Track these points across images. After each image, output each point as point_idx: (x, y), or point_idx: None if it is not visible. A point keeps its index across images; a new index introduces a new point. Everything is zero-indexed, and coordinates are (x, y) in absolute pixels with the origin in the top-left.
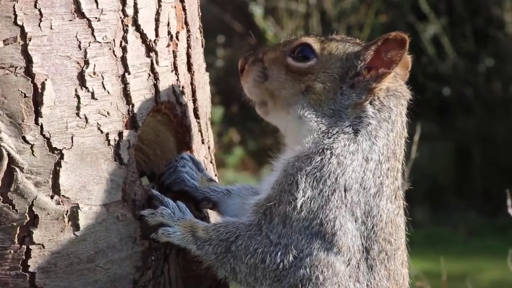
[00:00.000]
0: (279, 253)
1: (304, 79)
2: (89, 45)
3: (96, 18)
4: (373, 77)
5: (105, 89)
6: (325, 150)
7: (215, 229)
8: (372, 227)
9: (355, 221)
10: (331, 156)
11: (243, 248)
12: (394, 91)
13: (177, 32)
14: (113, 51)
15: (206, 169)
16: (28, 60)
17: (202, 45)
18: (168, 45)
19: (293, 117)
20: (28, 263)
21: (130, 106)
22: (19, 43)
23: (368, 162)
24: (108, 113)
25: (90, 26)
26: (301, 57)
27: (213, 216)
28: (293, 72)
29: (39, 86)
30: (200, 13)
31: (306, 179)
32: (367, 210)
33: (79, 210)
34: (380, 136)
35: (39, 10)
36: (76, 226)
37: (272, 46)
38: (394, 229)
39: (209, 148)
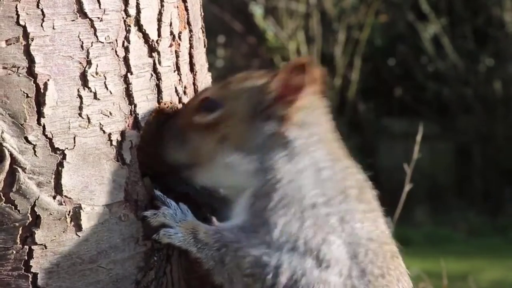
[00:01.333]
0: (271, 274)
1: (217, 130)
2: (92, 45)
3: (98, 18)
4: (282, 106)
5: (107, 89)
6: (275, 184)
7: (216, 233)
8: (352, 232)
9: (334, 231)
10: (285, 186)
11: (240, 258)
12: (307, 108)
13: (180, 32)
14: (116, 51)
15: None
16: (31, 60)
17: (205, 45)
18: (171, 45)
19: (220, 169)
20: (30, 264)
21: (133, 106)
22: (22, 43)
23: (321, 173)
24: (110, 113)
25: (92, 26)
26: (209, 109)
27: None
28: (204, 129)
29: (42, 86)
30: (202, 13)
31: (273, 212)
32: (341, 217)
33: (81, 211)
34: (314, 150)
35: (42, 10)
36: (78, 227)
37: (184, 108)
38: (373, 224)
39: None
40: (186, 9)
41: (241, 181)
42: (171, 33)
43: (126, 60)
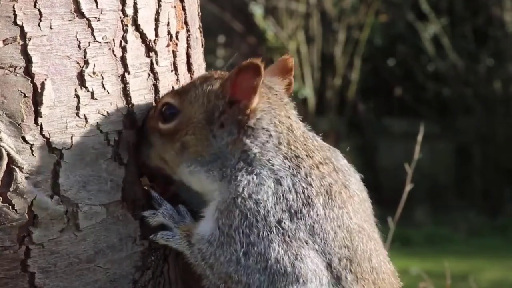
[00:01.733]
0: None
1: (176, 138)
2: (89, 45)
3: (95, 18)
4: (236, 111)
5: (104, 89)
6: (236, 199)
7: (199, 241)
8: (324, 242)
9: (306, 244)
10: (246, 202)
11: (216, 273)
12: (262, 109)
13: (177, 32)
14: (113, 51)
15: None
16: (28, 60)
17: (202, 45)
18: (168, 45)
19: (186, 175)
20: (28, 263)
21: (130, 106)
22: (19, 43)
23: (282, 184)
24: (107, 113)
25: (89, 26)
26: (168, 118)
27: None
28: (166, 135)
29: (39, 86)
30: (200, 13)
31: (237, 232)
32: (310, 229)
33: (78, 210)
34: (273, 156)
35: (39, 10)
36: (75, 226)
37: (151, 112)
38: (346, 231)
39: None
40: (184, 9)
41: (207, 188)
42: (169, 32)
43: (123, 60)
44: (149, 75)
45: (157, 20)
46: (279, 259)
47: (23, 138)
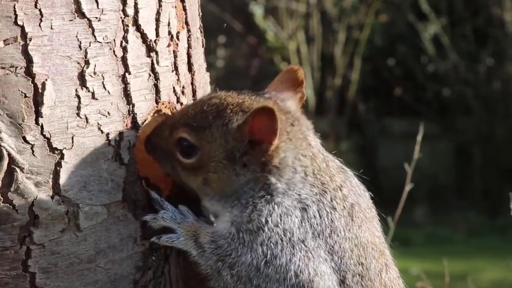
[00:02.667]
0: None
1: (199, 173)
2: (90, 45)
3: (96, 18)
4: (259, 153)
5: (105, 89)
6: (263, 228)
7: (212, 241)
8: (340, 260)
9: (325, 261)
10: (273, 230)
11: (235, 274)
12: (285, 149)
13: (178, 32)
14: (114, 51)
15: None
16: (29, 60)
17: (203, 45)
18: (169, 45)
19: (208, 205)
20: (29, 263)
21: (131, 106)
22: (20, 43)
23: (308, 211)
24: (108, 113)
25: (90, 26)
26: (187, 153)
27: None
28: (187, 168)
29: (40, 86)
30: (201, 13)
31: (262, 245)
32: (329, 248)
33: (79, 210)
34: (300, 187)
35: (40, 10)
36: (76, 226)
37: (159, 130)
38: (362, 250)
39: None
40: (184, 9)
41: (221, 212)
42: (169, 33)
43: (124, 60)
44: (150, 75)
45: (158, 20)
46: (298, 273)
47: (24, 138)
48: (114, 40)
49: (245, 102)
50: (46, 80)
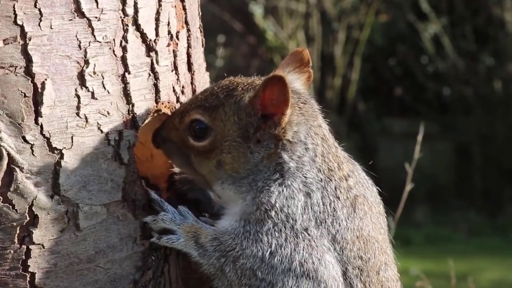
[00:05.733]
0: None
1: (212, 156)
2: (89, 45)
3: (96, 17)
4: (272, 126)
5: (105, 88)
6: (269, 212)
7: (214, 239)
8: (342, 251)
9: (329, 250)
10: (278, 215)
11: (238, 269)
12: (298, 122)
13: (177, 32)
14: (113, 51)
15: None
16: (28, 59)
17: (202, 45)
18: (168, 45)
19: (219, 190)
20: (28, 263)
21: (130, 105)
22: (19, 42)
23: (312, 197)
24: (108, 113)
25: (90, 25)
26: (200, 135)
27: None
28: (200, 152)
29: (39, 86)
30: (200, 13)
31: (267, 235)
32: (332, 238)
33: (79, 210)
34: (307, 169)
35: (39, 9)
36: (76, 226)
37: (168, 121)
38: (363, 243)
39: None
40: (184, 9)
41: (233, 199)
42: (169, 32)
43: (123, 59)
44: (150, 74)
45: (157, 19)
46: (303, 262)
47: (24, 138)
48: (114, 40)
49: (255, 81)
50: (46, 79)
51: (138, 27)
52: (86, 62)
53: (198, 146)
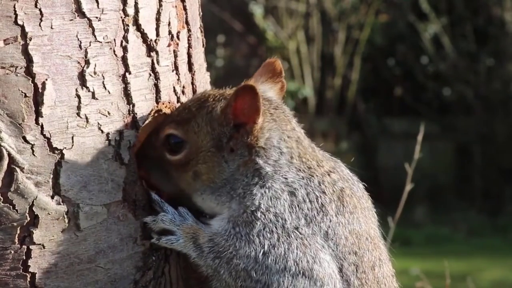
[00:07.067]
0: None
1: (188, 168)
2: (90, 45)
3: (96, 17)
4: (244, 135)
5: (105, 88)
6: (255, 212)
7: (210, 240)
8: (336, 247)
9: (323, 248)
10: (265, 215)
11: (233, 270)
12: (269, 128)
13: (178, 32)
14: (114, 51)
15: None
16: (29, 59)
17: (203, 45)
18: (169, 45)
19: (200, 202)
20: (29, 264)
21: (131, 106)
22: (20, 42)
23: (296, 195)
24: (108, 113)
25: (90, 25)
26: (175, 149)
27: None
28: (178, 166)
29: (40, 86)
30: (201, 13)
31: (258, 236)
32: (324, 234)
33: (79, 210)
34: (286, 170)
35: (40, 9)
36: (76, 226)
37: (147, 139)
38: (356, 237)
39: None
40: (185, 9)
41: (216, 210)
42: (170, 32)
43: (124, 59)
44: (150, 75)
45: (158, 20)
46: (297, 261)
47: (24, 138)
48: (115, 40)
49: (226, 91)
50: (46, 79)
51: (138, 27)
52: (87, 62)
53: (175, 160)
